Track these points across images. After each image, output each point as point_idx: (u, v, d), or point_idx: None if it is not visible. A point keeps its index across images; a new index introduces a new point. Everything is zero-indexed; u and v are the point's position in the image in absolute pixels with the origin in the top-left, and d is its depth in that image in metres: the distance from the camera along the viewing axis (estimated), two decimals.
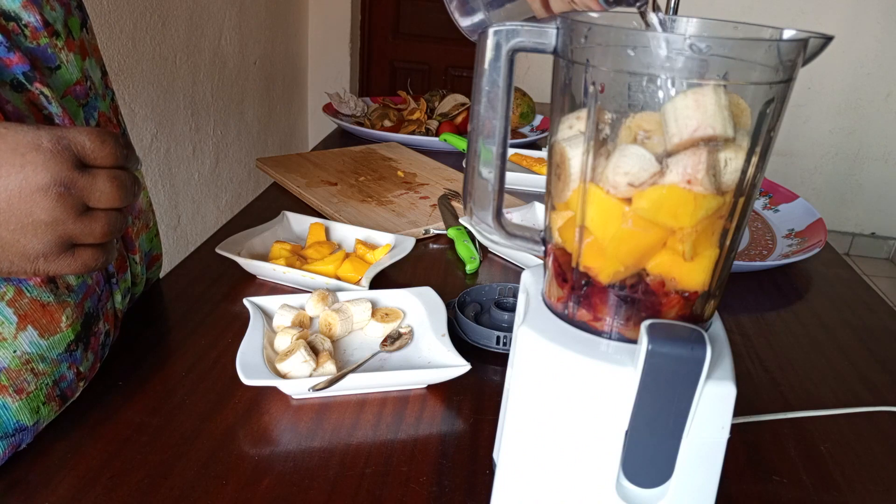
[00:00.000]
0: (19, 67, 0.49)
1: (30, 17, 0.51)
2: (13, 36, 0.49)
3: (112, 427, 0.52)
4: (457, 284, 0.79)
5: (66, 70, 0.55)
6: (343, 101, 1.48)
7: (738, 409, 0.37)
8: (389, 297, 0.69)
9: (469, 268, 0.81)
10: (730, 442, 0.37)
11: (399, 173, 1.12)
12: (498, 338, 0.64)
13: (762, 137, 0.35)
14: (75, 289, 0.52)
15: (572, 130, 0.38)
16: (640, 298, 0.37)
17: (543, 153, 1.26)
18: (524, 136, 1.44)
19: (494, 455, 0.52)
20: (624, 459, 0.37)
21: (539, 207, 0.95)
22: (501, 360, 0.64)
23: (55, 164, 0.39)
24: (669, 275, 0.37)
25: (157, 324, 0.67)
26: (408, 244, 0.79)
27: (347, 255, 0.77)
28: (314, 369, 0.57)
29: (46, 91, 0.51)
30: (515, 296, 0.71)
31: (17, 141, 0.39)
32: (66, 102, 0.54)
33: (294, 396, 0.57)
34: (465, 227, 0.88)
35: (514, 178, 1.12)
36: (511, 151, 1.24)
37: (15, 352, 0.48)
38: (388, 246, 0.79)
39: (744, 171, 0.35)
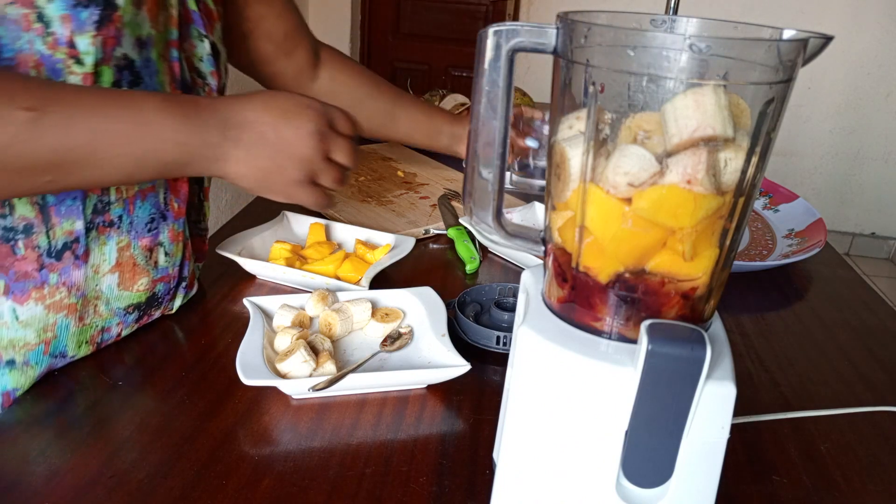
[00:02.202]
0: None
1: (212, 81, 0.66)
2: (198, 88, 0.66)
3: (112, 427, 0.52)
4: (457, 284, 0.79)
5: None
6: None
7: (738, 409, 0.37)
8: (389, 297, 0.69)
9: (469, 268, 0.81)
10: (730, 442, 0.37)
11: (399, 173, 1.12)
12: (498, 338, 0.64)
13: (762, 137, 0.35)
14: (159, 267, 0.63)
15: (572, 130, 0.38)
16: (639, 298, 0.37)
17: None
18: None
19: (494, 455, 0.52)
20: (624, 459, 0.37)
21: (539, 207, 0.95)
22: (501, 360, 0.64)
23: (320, 119, 0.58)
24: (669, 275, 0.37)
25: (157, 324, 0.67)
26: (408, 244, 0.79)
27: (347, 255, 0.77)
28: (314, 369, 0.57)
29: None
30: (515, 296, 0.71)
31: (298, 100, 0.58)
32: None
33: (294, 396, 0.57)
34: (465, 227, 0.88)
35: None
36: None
37: (97, 286, 0.59)
38: (388, 246, 0.79)
39: (744, 172, 0.35)
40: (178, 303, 0.68)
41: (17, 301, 0.54)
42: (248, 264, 0.74)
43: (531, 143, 1.07)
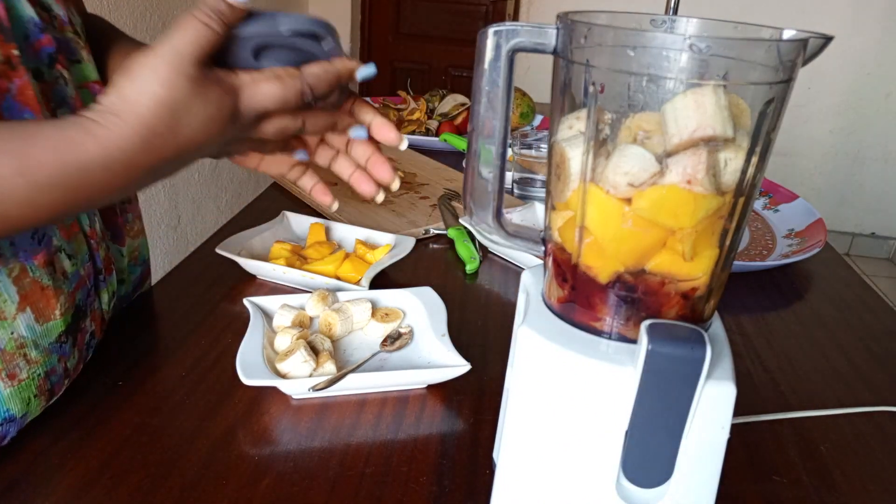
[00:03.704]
0: (47, 49, 0.51)
1: (59, 11, 0.54)
2: (45, 22, 0.52)
3: (112, 427, 0.52)
4: (457, 284, 0.79)
5: (87, 67, 0.57)
6: None
7: (738, 409, 0.37)
8: (389, 297, 0.69)
9: (469, 268, 0.81)
10: (729, 442, 0.37)
11: (399, 173, 1.12)
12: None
13: (762, 138, 0.35)
14: (69, 277, 0.53)
15: (572, 130, 0.38)
16: (640, 298, 0.37)
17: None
18: (525, 135, 1.43)
19: (495, 455, 0.52)
20: (624, 459, 0.37)
21: (539, 207, 0.95)
22: (502, 359, 0.64)
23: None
24: (669, 275, 0.37)
25: (156, 324, 0.67)
26: (408, 244, 0.79)
27: (347, 255, 0.77)
28: (314, 369, 0.57)
29: (66, 74, 0.53)
30: (315, 38, 0.49)
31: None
32: (82, 93, 0.56)
33: (294, 396, 0.57)
34: (465, 227, 0.88)
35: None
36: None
37: (12, 333, 0.49)
38: (388, 246, 0.79)
39: (744, 172, 0.35)
40: (105, 298, 0.59)
41: None
42: (248, 264, 0.74)
43: None
